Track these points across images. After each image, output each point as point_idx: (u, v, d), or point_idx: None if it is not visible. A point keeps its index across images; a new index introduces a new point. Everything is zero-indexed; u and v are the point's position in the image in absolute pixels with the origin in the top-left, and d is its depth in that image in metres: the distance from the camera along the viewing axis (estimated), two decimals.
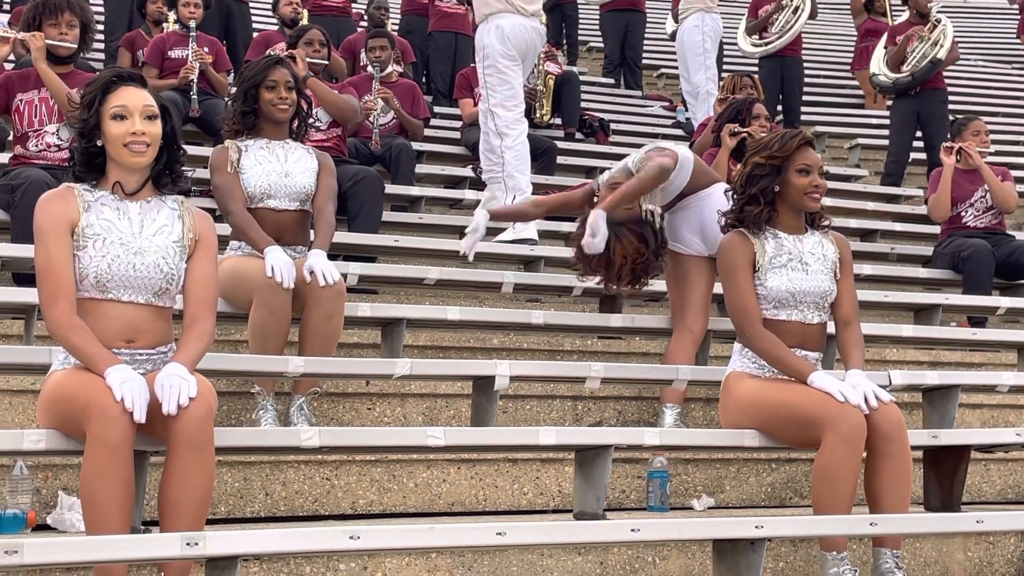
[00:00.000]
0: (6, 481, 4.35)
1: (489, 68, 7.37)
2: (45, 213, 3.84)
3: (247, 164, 5.37)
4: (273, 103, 5.42)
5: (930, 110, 10.61)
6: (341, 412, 5.46)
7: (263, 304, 5.01)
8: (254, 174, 5.35)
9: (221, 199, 5.38)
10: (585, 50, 14.94)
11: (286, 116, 5.46)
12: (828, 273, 4.83)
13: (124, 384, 3.62)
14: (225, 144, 5.46)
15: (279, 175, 5.38)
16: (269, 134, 5.47)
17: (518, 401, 5.74)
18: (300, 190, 5.40)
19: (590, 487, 4.64)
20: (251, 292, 5.06)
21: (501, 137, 7.33)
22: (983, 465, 6.08)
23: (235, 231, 5.34)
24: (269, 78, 5.43)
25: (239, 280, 5.16)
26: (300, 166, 5.43)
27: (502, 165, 7.33)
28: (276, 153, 5.43)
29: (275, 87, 5.43)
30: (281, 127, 5.48)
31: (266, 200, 5.35)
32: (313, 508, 4.91)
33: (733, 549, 4.27)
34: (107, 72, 4.00)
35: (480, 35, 7.43)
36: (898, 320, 7.62)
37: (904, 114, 10.68)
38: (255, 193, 5.34)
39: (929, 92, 10.61)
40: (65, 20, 6.21)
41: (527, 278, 6.92)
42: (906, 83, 10.53)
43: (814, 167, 4.79)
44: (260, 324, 5.02)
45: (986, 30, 19.66)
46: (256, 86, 5.44)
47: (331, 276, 5.09)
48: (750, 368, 4.79)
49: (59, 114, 6.12)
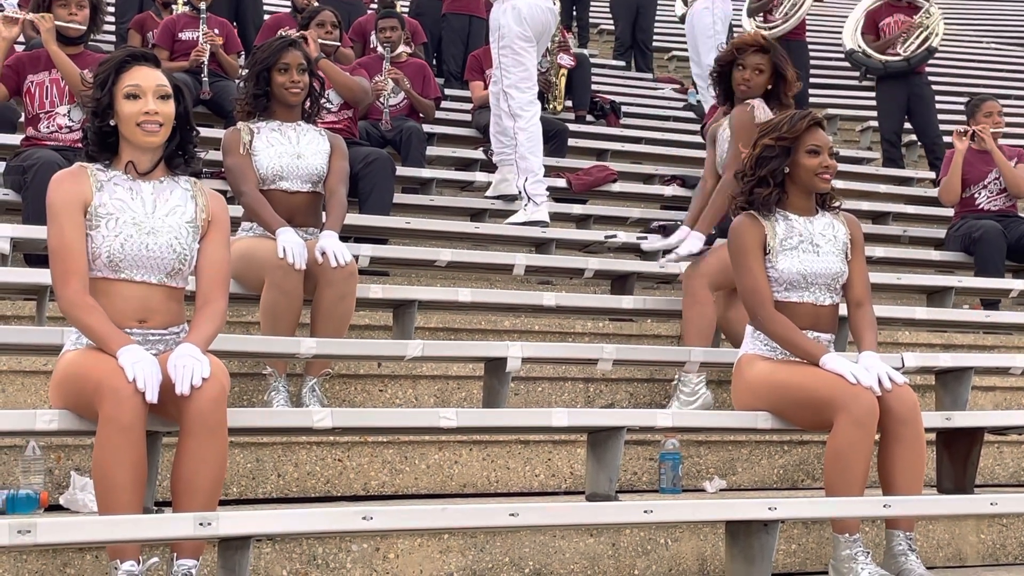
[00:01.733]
0: (19, 461, 4.36)
1: (504, 49, 7.34)
2: (58, 192, 3.83)
3: (259, 146, 5.36)
4: (285, 86, 5.41)
5: (919, 92, 10.57)
6: (353, 393, 5.45)
7: (275, 285, 5.01)
8: (266, 156, 5.34)
9: (233, 180, 5.37)
10: (596, 32, 14.90)
11: (298, 99, 5.45)
12: (839, 254, 4.81)
13: (136, 364, 3.61)
14: (237, 126, 5.46)
15: (291, 156, 5.37)
16: (281, 116, 5.46)
17: (530, 383, 5.74)
18: (312, 172, 5.39)
19: (602, 469, 4.63)
20: (263, 273, 5.06)
21: (514, 118, 7.31)
22: (996, 447, 6.06)
23: (247, 212, 5.34)
24: (282, 60, 5.41)
25: (251, 261, 5.16)
26: (312, 148, 5.42)
27: (515, 147, 7.31)
28: (288, 135, 5.42)
29: (287, 70, 5.41)
30: (293, 109, 5.47)
31: (278, 182, 5.35)
32: (325, 489, 4.91)
33: (746, 531, 4.26)
34: (120, 52, 3.98)
35: (496, 15, 7.39)
36: (911, 303, 7.59)
37: (893, 96, 10.62)
38: (267, 175, 5.33)
39: (916, 75, 10.56)
40: (74, 1, 6.19)
41: (539, 260, 6.91)
42: (900, 67, 10.48)
43: (824, 148, 4.77)
44: (272, 305, 5.02)
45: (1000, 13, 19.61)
46: (268, 68, 5.43)
47: (343, 257, 5.08)
48: (762, 350, 4.78)
49: (70, 95, 6.12)
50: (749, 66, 5.97)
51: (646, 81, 13.19)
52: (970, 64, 15.64)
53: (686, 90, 12.72)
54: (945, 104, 12.25)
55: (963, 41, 17.20)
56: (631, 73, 13.38)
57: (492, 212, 7.85)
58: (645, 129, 11.02)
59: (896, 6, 10.76)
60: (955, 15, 18.28)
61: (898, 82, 10.53)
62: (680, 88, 12.98)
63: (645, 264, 7.06)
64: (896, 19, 10.69)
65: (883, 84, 10.68)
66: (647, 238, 7.21)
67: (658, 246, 6.64)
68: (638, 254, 7.49)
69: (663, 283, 7.24)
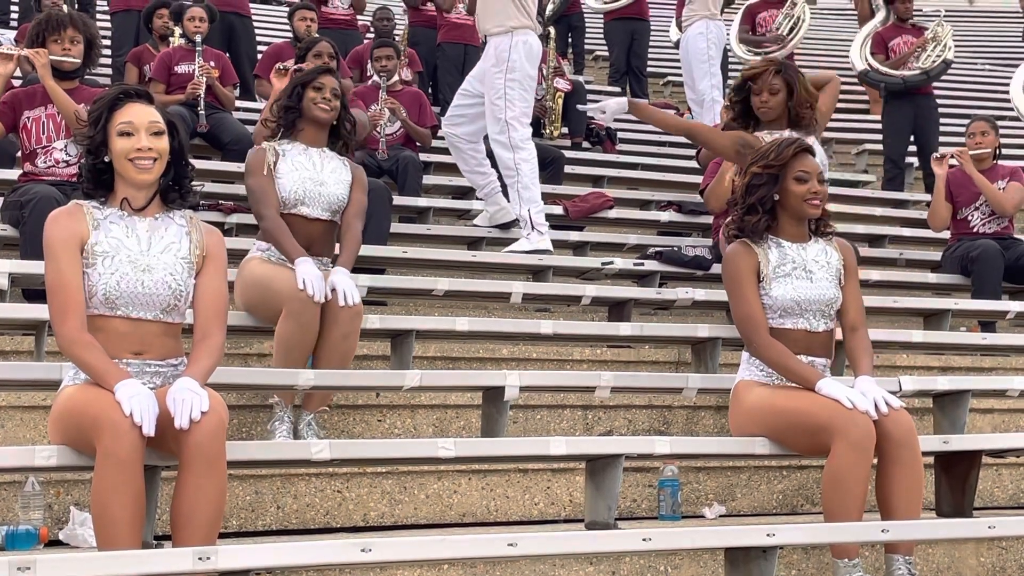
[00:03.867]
0: (18, 497, 4.36)
1: (512, 82, 7.36)
2: (55, 230, 3.86)
3: (283, 168, 5.36)
4: (316, 101, 5.42)
5: (926, 113, 10.62)
6: (351, 424, 5.46)
7: (292, 317, 5.00)
8: (289, 179, 5.34)
9: (255, 202, 5.37)
10: (591, 59, 14.94)
11: (328, 117, 5.45)
12: (833, 280, 4.83)
13: (133, 398, 3.63)
14: (263, 146, 5.46)
15: (314, 183, 5.37)
16: (307, 139, 5.47)
17: (528, 411, 5.74)
18: (333, 199, 5.39)
19: (601, 496, 4.64)
20: (279, 303, 5.04)
21: (514, 151, 7.33)
22: (995, 470, 6.06)
23: (266, 236, 5.33)
24: (319, 80, 5.45)
25: (267, 290, 5.14)
26: (335, 176, 5.43)
27: (517, 177, 7.34)
28: (313, 160, 5.42)
29: (322, 88, 5.44)
30: (320, 134, 5.47)
31: (299, 207, 5.34)
32: (324, 521, 4.92)
33: (745, 557, 4.27)
34: (114, 89, 4.01)
35: (503, 46, 7.36)
36: (908, 325, 7.60)
37: (900, 118, 10.67)
38: (288, 198, 5.33)
39: (923, 96, 10.62)
40: (68, 36, 6.20)
41: (536, 288, 6.92)
42: (919, 81, 10.54)
43: (812, 174, 4.79)
44: (287, 336, 5.01)
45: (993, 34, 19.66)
46: (304, 85, 5.47)
47: (351, 297, 5.07)
48: (758, 376, 4.79)
49: (67, 130, 6.13)
50: (764, 89, 6.03)
51: None
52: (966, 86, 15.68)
53: (682, 115, 12.74)
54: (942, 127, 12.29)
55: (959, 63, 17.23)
56: None
57: (489, 240, 7.87)
58: (641, 155, 11.05)
59: (903, 27, 10.87)
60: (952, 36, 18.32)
61: (906, 102, 10.59)
62: (676, 113, 13.01)
63: (642, 291, 7.08)
64: (905, 39, 10.81)
65: (891, 105, 10.73)
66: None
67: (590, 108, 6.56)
68: (636, 281, 7.51)
69: (661, 309, 7.25)
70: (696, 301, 6.76)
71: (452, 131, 7.75)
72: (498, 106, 7.40)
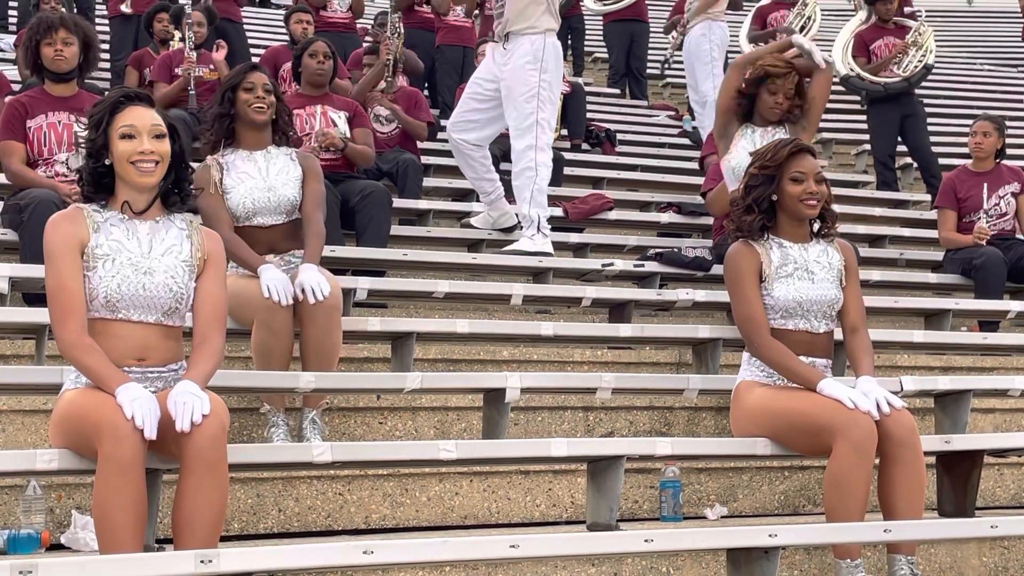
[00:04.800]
0: (20, 501, 4.36)
1: (545, 83, 7.27)
2: (55, 234, 3.86)
3: (230, 183, 5.32)
4: (250, 103, 5.36)
5: (912, 111, 10.61)
6: (352, 427, 5.46)
7: (263, 325, 5.00)
8: (237, 193, 5.31)
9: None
10: (590, 61, 14.96)
11: (264, 118, 5.38)
12: (834, 281, 4.83)
13: (134, 402, 3.63)
14: (207, 162, 5.40)
15: (262, 191, 5.33)
16: (248, 143, 5.41)
17: (529, 413, 5.74)
18: (285, 203, 5.35)
19: (603, 498, 4.63)
20: (251, 313, 5.05)
21: (538, 151, 7.25)
22: (996, 470, 6.06)
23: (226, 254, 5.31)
24: (247, 80, 5.38)
25: (240, 300, 5.12)
26: (283, 178, 5.37)
27: (535, 178, 7.26)
28: (258, 165, 5.37)
29: (253, 88, 5.37)
30: (260, 134, 5.41)
31: (252, 218, 5.32)
32: (326, 523, 4.91)
33: (747, 558, 4.26)
34: (115, 92, 4.01)
35: (538, 45, 7.30)
36: (909, 326, 7.60)
37: (885, 120, 10.65)
38: (240, 212, 5.30)
39: (907, 96, 10.61)
40: (60, 37, 6.14)
41: (536, 290, 6.92)
42: (901, 88, 10.53)
43: (808, 174, 4.79)
44: (262, 344, 5.01)
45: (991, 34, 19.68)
46: (233, 88, 5.39)
47: (320, 292, 5.03)
48: (759, 377, 4.79)
49: (68, 143, 6.08)
50: (782, 91, 6.05)
51: (641, 108, 13.23)
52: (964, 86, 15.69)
53: (681, 117, 12.77)
54: (940, 127, 12.31)
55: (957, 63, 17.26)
56: (626, 101, 13.44)
57: (489, 242, 7.87)
58: (641, 156, 11.06)
59: (885, 28, 10.82)
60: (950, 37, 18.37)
61: (891, 104, 10.57)
62: (675, 115, 13.03)
63: (643, 292, 7.07)
64: (887, 41, 10.75)
65: (875, 106, 10.70)
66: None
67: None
68: (636, 282, 7.51)
69: (661, 311, 7.25)
70: (696, 302, 6.75)
71: (461, 137, 7.56)
72: (530, 105, 7.22)
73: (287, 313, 5.01)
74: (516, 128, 7.28)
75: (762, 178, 4.81)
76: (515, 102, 7.25)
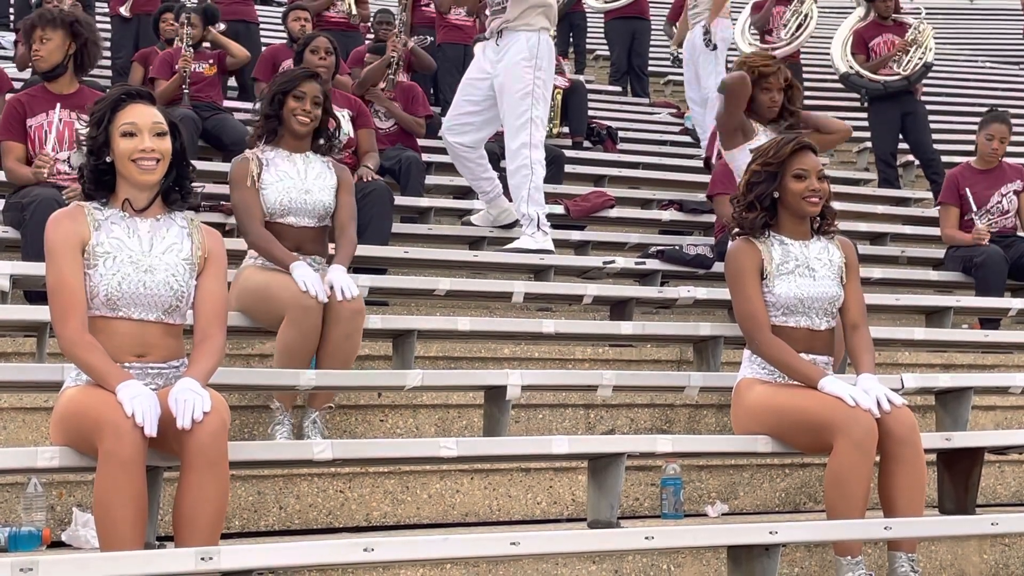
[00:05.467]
0: (21, 498, 4.36)
1: (539, 80, 7.27)
2: (56, 232, 3.86)
3: (268, 179, 5.34)
4: (295, 112, 5.37)
5: (913, 109, 10.61)
6: (353, 424, 5.46)
7: (294, 324, 5.00)
8: (274, 190, 5.32)
9: (239, 217, 5.37)
10: (592, 58, 14.94)
11: (305, 130, 5.40)
12: (835, 278, 4.83)
13: (134, 399, 3.63)
14: (246, 155, 5.43)
15: (299, 192, 5.35)
16: (289, 145, 5.43)
17: (530, 410, 5.74)
18: (319, 207, 5.37)
19: (604, 495, 4.64)
20: (280, 310, 5.04)
21: (532, 149, 7.24)
22: (997, 467, 6.06)
23: (256, 251, 5.32)
24: (299, 88, 5.38)
25: (266, 298, 5.12)
26: (320, 183, 5.40)
27: (531, 177, 7.25)
28: (297, 167, 5.39)
29: (303, 98, 5.38)
30: (302, 140, 5.44)
31: (285, 216, 5.33)
32: (327, 521, 4.92)
33: (748, 555, 4.27)
34: (116, 89, 4.02)
35: (533, 42, 7.29)
36: (910, 323, 7.60)
37: (886, 118, 10.65)
38: (274, 209, 5.32)
39: (908, 94, 10.61)
40: (37, 35, 6.09)
41: (537, 287, 6.92)
42: (900, 86, 10.52)
43: (811, 171, 4.79)
44: (289, 343, 5.01)
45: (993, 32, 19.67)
46: (284, 93, 5.41)
47: (349, 291, 5.07)
48: (760, 374, 4.79)
49: (70, 141, 6.06)
50: (775, 87, 6.05)
51: (642, 106, 13.23)
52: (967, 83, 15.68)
53: (683, 114, 12.75)
54: (942, 124, 12.31)
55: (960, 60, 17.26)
56: (627, 98, 13.43)
57: (490, 240, 7.87)
58: (642, 154, 11.05)
59: (884, 25, 10.81)
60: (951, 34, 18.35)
61: (891, 101, 10.57)
62: (676, 112, 13.02)
63: (644, 290, 7.07)
64: (886, 39, 10.74)
65: (876, 104, 10.70)
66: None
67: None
68: (637, 279, 7.51)
69: (662, 308, 7.24)
70: (698, 300, 6.75)
71: (456, 140, 7.55)
72: (524, 103, 7.22)
73: (319, 314, 5.01)
74: (511, 126, 7.29)
75: (764, 175, 4.81)
76: (509, 99, 7.25)
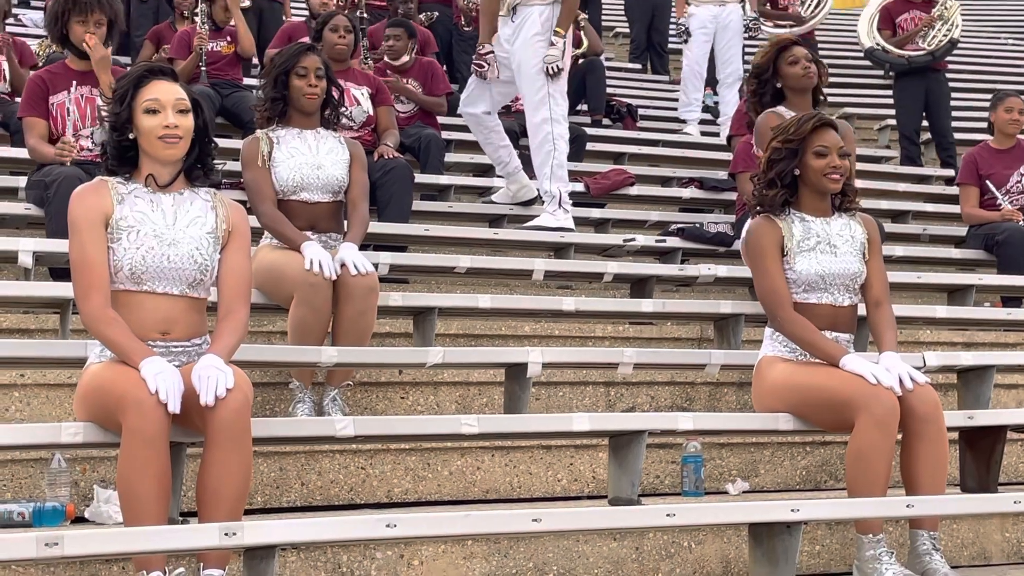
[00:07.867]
0: (45, 474, 4.39)
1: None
2: (79, 207, 3.87)
3: (279, 157, 5.36)
4: (303, 91, 5.40)
5: (937, 88, 10.57)
6: (375, 401, 5.47)
7: (304, 302, 5.01)
8: (286, 167, 5.34)
9: (251, 196, 5.38)
10: (612, 35, 14.89)
11: (314, 105, 5.44)
12: (857, 255, 4.82)
13: (158, 376, 3.64)
14: (256, 135, 5.45)
15: (311, 167, 5.37)
16: (299, 123, 5.45)
17: (551, 388, 5.75)
18: (333, 182, 5.40)
19: (624, 473, 4.64)
20: (290, 289, 5.06)
21: (553, 124, 7.23)
22: (1019, 445, 6.04)
23: (267, 231, 5.35)
24: (300, 64, 5.41)
25: (278, 276, 5.15)
26: (332, 157, 5.43)
27: (553, 153, 7.24)
28: (308, 143, 5.42)
29: (305, 74, 5.41)
30: (312, 116, 5.47)
31: (299, 192, 5.35)
32: (348, 497, 4.93)
33: (769, 533, 4.27)
34: (139, 66, 4.02)
35: (546, 16, 7.10)
36: (931, 301, 7.58)
37: (912, 94, 10.61)
38: (287, 186, 5.34)
39: (934, 72, 10.56)
40: (94, 19, 6.14)
41: (558, 265, 6.92)
42: (924, 61, 10.47)
43: (832, 148, 4.77)
44: (300, 321, 5.03)
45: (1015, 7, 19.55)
46: (286, 72, 5.43)
47: (363, 266, 5.09)
48: (782, 352, 4.78)
49: (92, 117, 6.07)
50: (802, 57, 6.03)
51: (662, 83, 13.17)
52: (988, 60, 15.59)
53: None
54: (963, 101, 12.23)
55: (981, 37, 17.15)
56: (647, 76, 13.37)
57: (511, 218, 7.86)
58: (662, 132, 11.01)
59: (911, 2, 10.75)
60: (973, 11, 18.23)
61: (917, 78, 10.52)
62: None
63: (665, 267, 7.06)
64: (913, 15, 10.68)
65: (902, 81, 10.67)
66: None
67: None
68: (658, 257, 7.50)
69: (683, 286, 7.24)
70: (718, 277, 6.74)
71: (472, 110, 7.60)
72: (541, 78, 7.20)
73: (328, 291, 5.03)
74: (530, 101, 7.29)
75: (785, 152, 4.80)
76: (527, 75, 7.24)
